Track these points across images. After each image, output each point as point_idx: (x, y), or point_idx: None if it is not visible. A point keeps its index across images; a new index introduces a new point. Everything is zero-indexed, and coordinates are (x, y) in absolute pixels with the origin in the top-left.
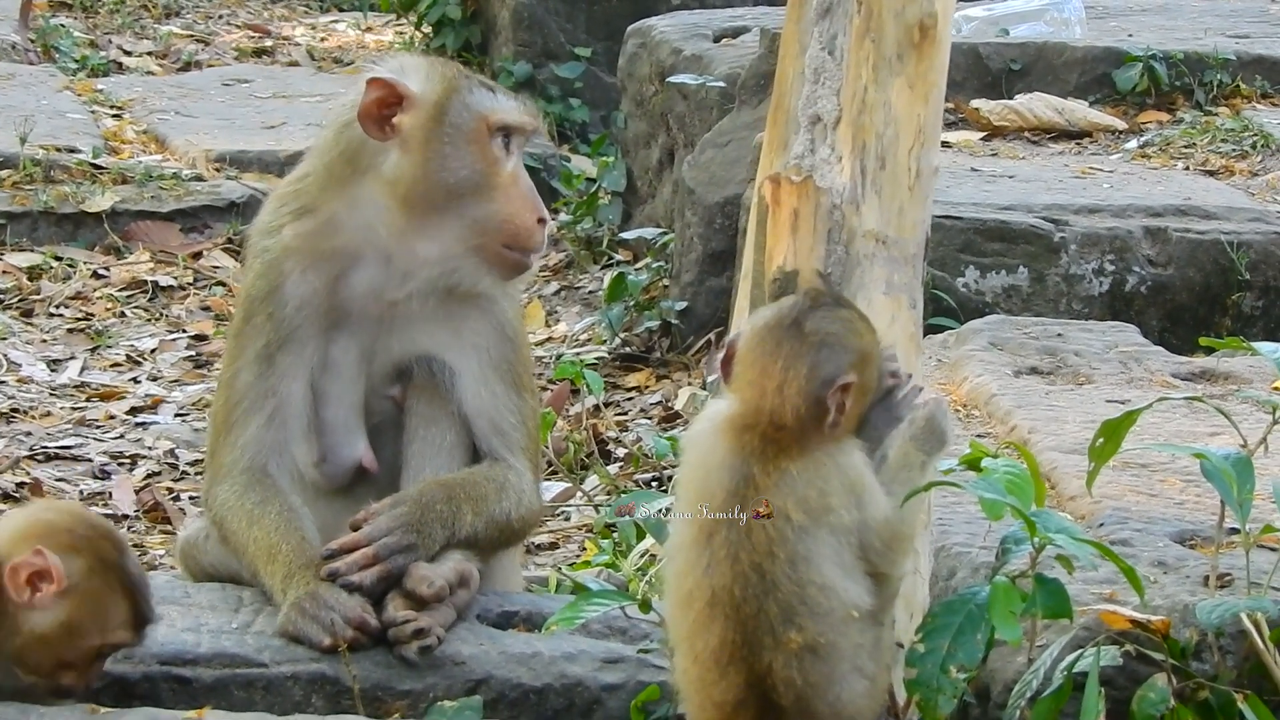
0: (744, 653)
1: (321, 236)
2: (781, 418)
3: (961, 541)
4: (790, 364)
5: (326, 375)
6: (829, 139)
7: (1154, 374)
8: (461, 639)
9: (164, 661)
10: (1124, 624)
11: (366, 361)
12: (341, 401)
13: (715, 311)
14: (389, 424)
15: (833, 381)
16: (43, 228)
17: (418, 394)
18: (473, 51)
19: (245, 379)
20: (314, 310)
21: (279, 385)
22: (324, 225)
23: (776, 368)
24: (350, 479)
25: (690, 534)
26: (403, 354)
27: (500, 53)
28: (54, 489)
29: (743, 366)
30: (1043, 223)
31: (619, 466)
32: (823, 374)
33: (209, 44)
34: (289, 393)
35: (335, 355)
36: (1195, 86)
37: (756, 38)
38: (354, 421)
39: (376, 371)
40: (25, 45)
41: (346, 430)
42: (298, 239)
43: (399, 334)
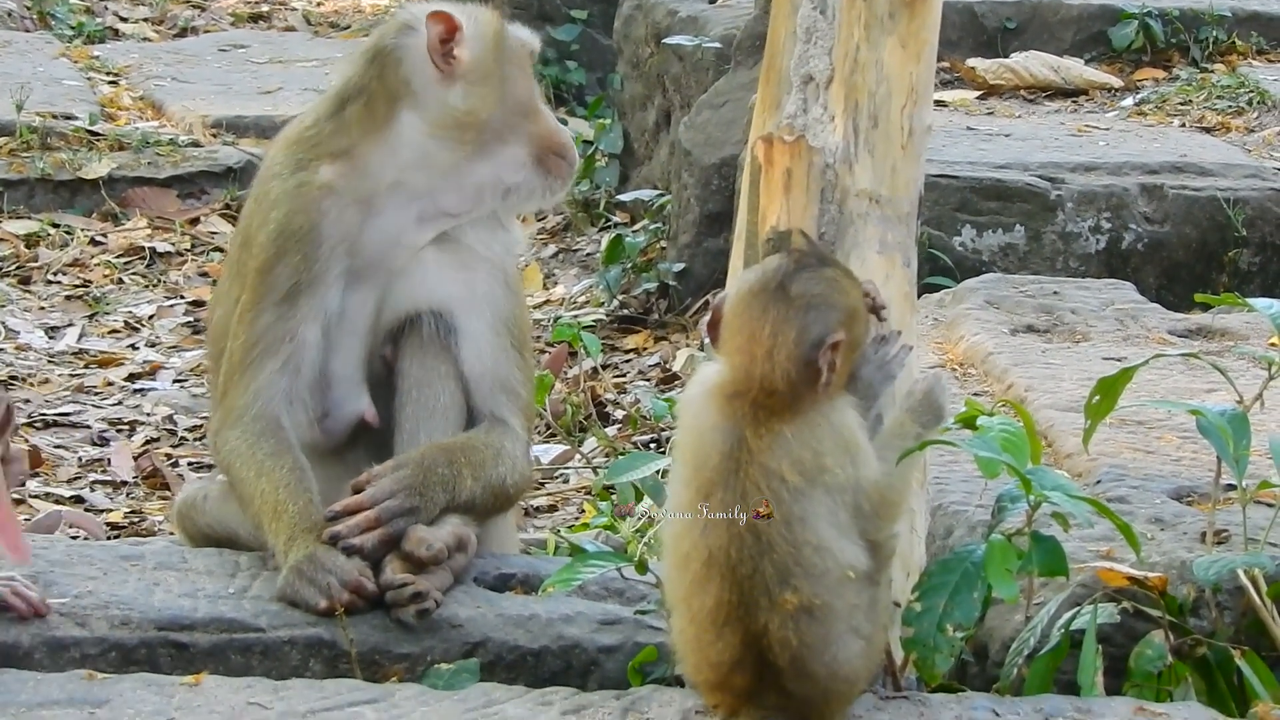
0: (740, 613)
1: (359, 177)
2: (772, 383)
3: (958, 500)
4: (778, 329)
5: (339, 325)
6: (821, 98)
7: (1150, 331)
8: (459, 602)
9: (161, 627)
10: (1121, 581)
11: (378, 313)
12: (350, 353)
13: (713, 273)
14: (380, 382)
15: (822, 342)
16: (40, 195)
17: (412, 354)
18: None
19: (266, 319)
20: (342, 254)
21: (298, 329)
22: (362, 166)
23: (764, 333)
24: (348, 437)
25: (687, 496)
26: (412, 306)
27: None
28: (52, 456)
29: (730, 332)
30: (1039, 181)
31: (617, 428)
32: (812, 336)
33: (205, 9)
34: (305, 339)
35: (350, 305)
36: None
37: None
38: (359, 375)
39: (383, 326)
40: (21, 12)
41: (352, 384)
42: (338, 178)
43: (415, 282)
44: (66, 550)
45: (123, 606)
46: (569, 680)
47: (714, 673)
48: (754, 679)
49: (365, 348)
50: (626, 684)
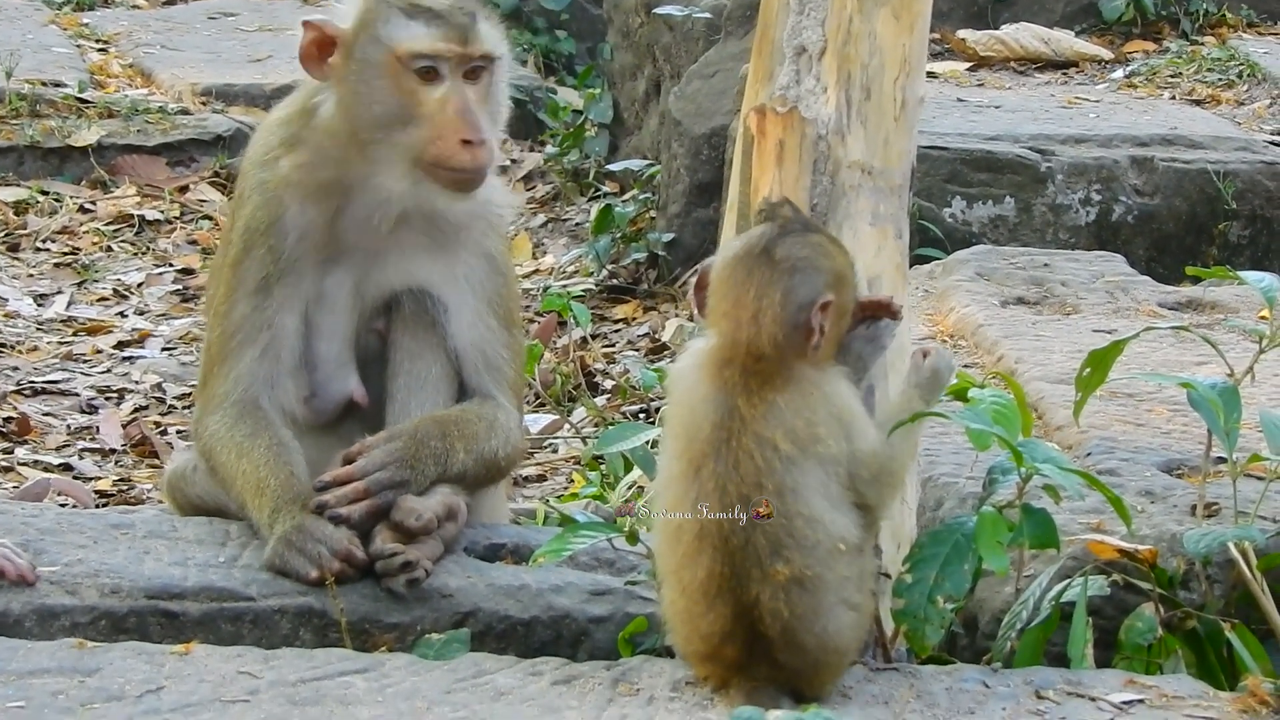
0: (731, 584)
1: (316, 169)
2: (759, 348)
3: (948, 472)
4: (764, 292)
5: (320, 309)
6: (814, 70)
7: (1141, 303)
8: (449, 571)
9: (151, 595)
10: (1111, 554)
11: (359, 295)
12: (334, 335)
13: (702, 243)
14: (375, 357)
15: (811, 304)
16: (29, 162)
17: (404, 327)
18: None
19: (242, 310)
20: (312, 243)
21: (274, 318)
22: (316, 158)
23: (749, 297)
24: (339, 414)
25: (679, 468)
26: (396, 284)
27: None
28: (41, 423)
29: (716, 299)
30: (1029, 153)
31: (606, 398)
32: (799, 298)
33: None
34: (283, 326)
35: (329, 288)
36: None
37: None
38: (346, 355)
39: (368, 305)
40: None
41: (339, 364)
42: (296, 171)
43: (392, 266)
44: (56, 518)
45: (113, 575)
46: (559, 650)
47: (704, 644)
48: (744, 651)
49: (350, 328)
50: (617, 654)
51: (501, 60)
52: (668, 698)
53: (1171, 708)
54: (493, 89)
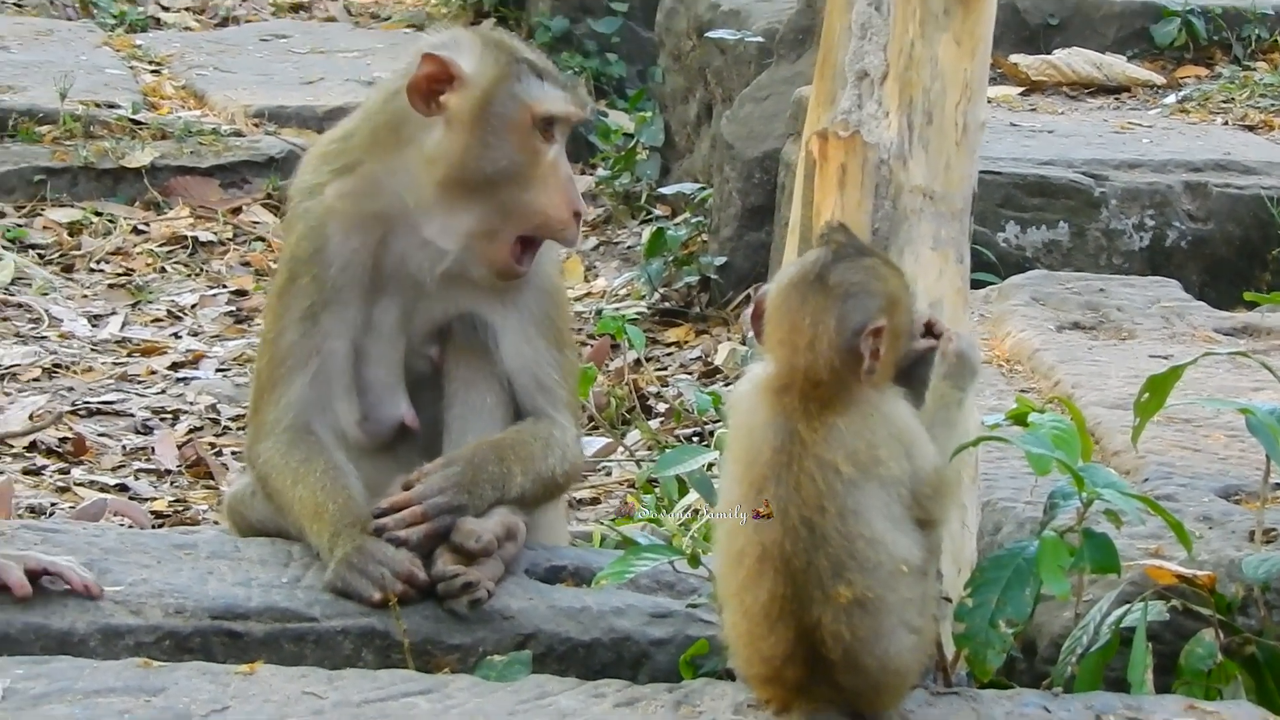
0: (793, 607)
1: (363, 198)
2: (816, 374)
3: (1007, 496)
4: (818, 318)
5: (369, 335)
6: (876, 94)
7: (1196, 329)
8: (510, 593)
9: (215, 616)
10: (1170, 579)
11: (407, 321)
12: (383, 361)
13: (754, 266)
14: (427, 382)
15: (863, 328)
16: (83, 183)
17: (456, 355)
18: (509, 6)
19: (290, 338)
20: (357, 272)
21: (323, 344)
22: (366, 187)
23: (805, 324)
24: (393, 437)
25: (740, 491)
26: (444, 314)
27: (537, 7)
28: (97, 444)
29: (772, 326)
30: (1083, 178)
31: (660, 421)
32: (852, 323)
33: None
34: (332, 351)
35: (377, 316)
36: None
37: None
38: (395, 380)
39: (417, 331)
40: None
41: (388, 389)
42: (340, 200)
43: (439, 296)
44: (119, 538)
45: (177, 595)
46: (620, 672)
47: (766, 667)
48: (806, 673)
49: (398, 355)
50: (677, 677)
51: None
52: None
53: None
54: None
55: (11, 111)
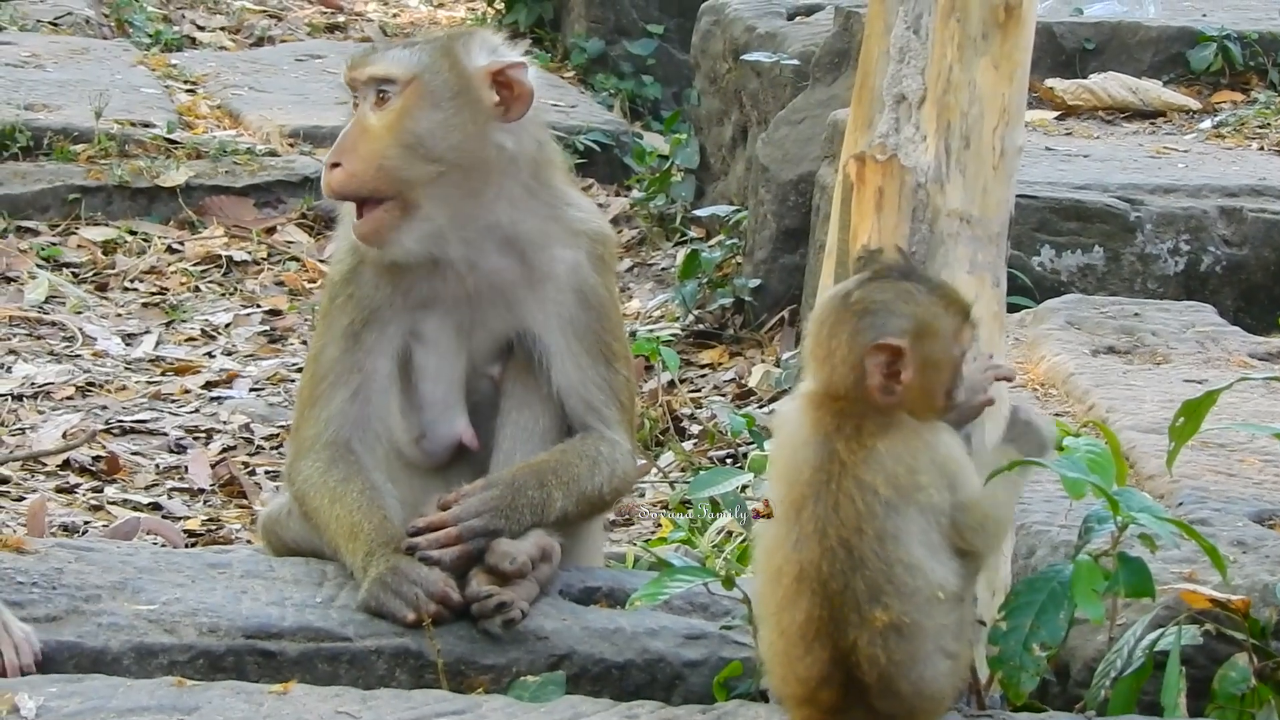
0: (830, 629)
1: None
2: (836, 389)
3: (1041, 520)
4: (835, 332)
5: (424, 350)
6: (914, 118)
7: (1231, 354)
8: (544, 614)
9: (249, 635)
10: (1204, 603)
11: (465, 337)
12: (440, 378)
13: (789, 288)
14: (488, 403)
15: (877, 345)
16: (117, 202)
17: (514, 376)
18: (545, 28)
19: (330, 354)
20: (394, 289)
21: (364, 361)
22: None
23: (824, 337)
24: (450, 456)
25: (780, 510)
26: (502, 331)
27: (573, 29)
28: (130, 462)
29: (809, 344)
30: (1118, 202)
31: (694, 443)
32: (862, 339)
33: (281, 19)
34: (374, 369)
35: (429, 332)
36: (1269, 66)
37: (830, 15)
38: (454, 398)
39: (478, 349)
40: (99, 20)
41: (445, 407)
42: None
43: (491, 309)
44: (153, 557)
45: (211, 614)
46: (654, 694)
47: (801, 688)
48: (841, 695)
49: (457, 371)
50: (711, 698)
51: (405, 84)
52: None
53: None
54: (405, 111)
55: (47, 130)
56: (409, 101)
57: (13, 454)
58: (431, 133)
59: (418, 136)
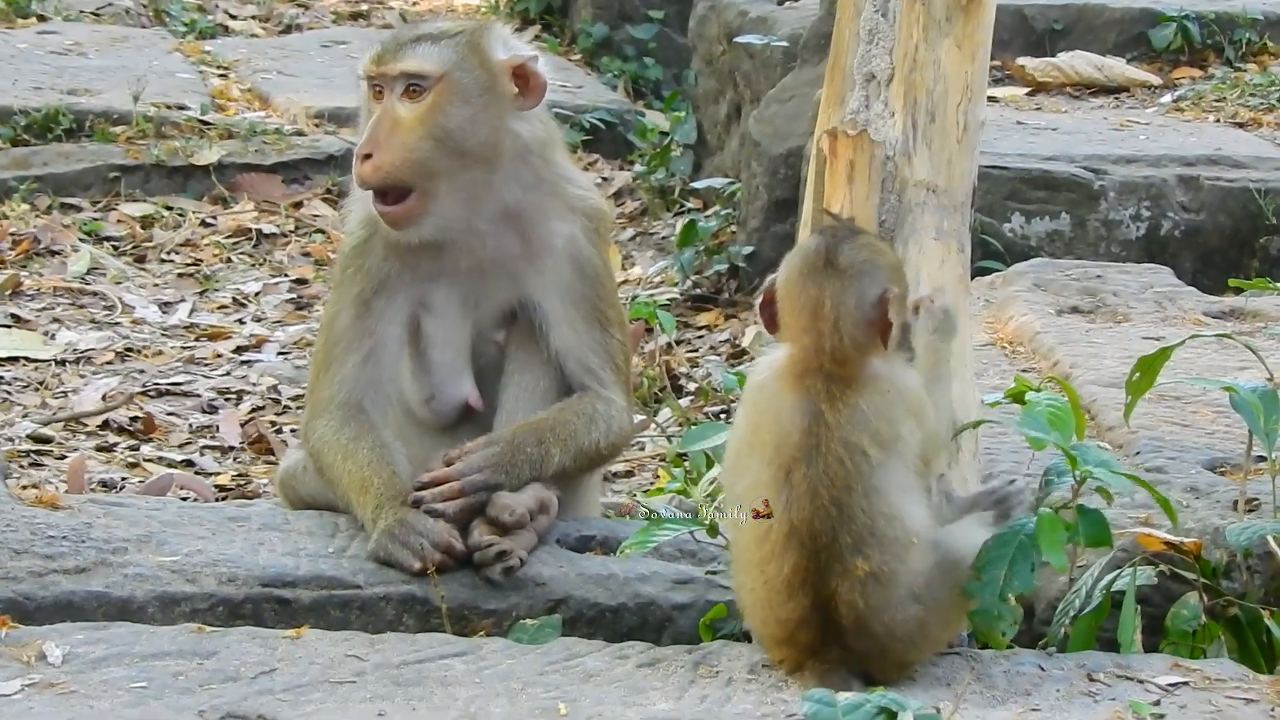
0: (814, 578)
1: None
2: (843, 353)
3: (1007, 469)
4: (839, 300)
5: (432, 319)
6: (883, 95)
7: (1187, 313)
8: (542, 561)
9: (265, 584)
10: (1158, 546)
11: (471, 307)
12: (448, 343)
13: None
14: (494, 366)
15: (881, 300)
16: (155, 180)
17: (518, 340)
18: (554, 14)
19: (344, 321)
20: (403, 260)
21: (375, 327)
22: None
23: (826, 308)
24: (458, 416)
25: (769, 474)
26: (505, 299)
27: (580, 15)
28: (165, 423)
29: (791, 315)
30: (1083, 172)
31: (690, 400)
32: (870, 297)
33: (309, 8)
34: (385, 335)
35: (437, 302)
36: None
37: (817, 1)
38: (460, 363)
39: (484, 316)
40: (138, 10)
41: (453, 371)
42: None
43: (495, 280)
44: (178, 511)
45: (230, 564)
46: (645, 635)
47: (781, 629)
48: (818, 636)
49: (463, 338)
50: (698, 639)
51: (436, 79)
52: (745, 679)
53: (1214, 689)
54: (438, 107)
55: (89, 113)
56: (440, 97)
57: (56, 415)
58: (461, 127)
59: (448, 131)
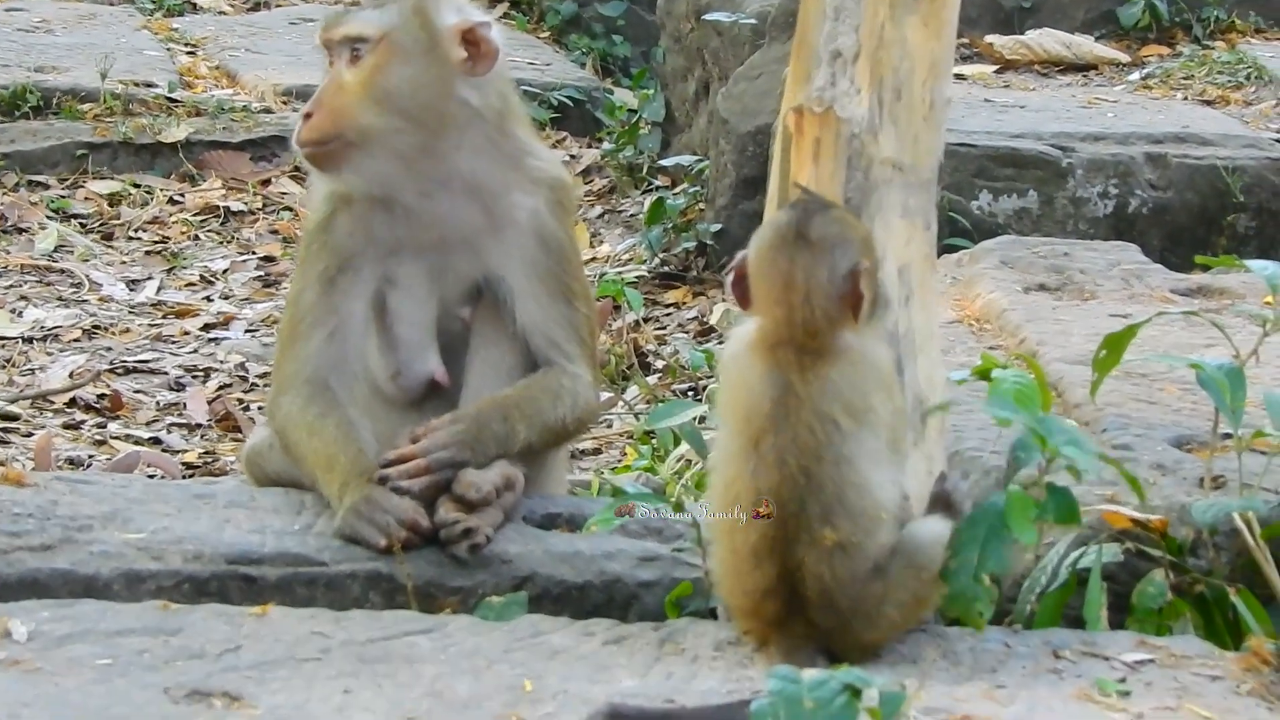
0: (781, 547)
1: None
2: (815, 325)
3: (974, 446)
4: (811, 273)
5: (397, 294)
6: (849, 73)
7: (1154, 290)
8: (508, 539)
9: (231, 561)
10: (1125, 523)
11: (436, 282)
12: (413, 319)
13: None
14: (460, 342)
15: (854, 272)
16: (122, 157)
17: (483, 316)
18: None
19: (308, 298)
20: (366, 237)
21: (340, 304)
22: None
23: (798, 281)
24: (424, 392)
25: (738, 444)
26: (470, 274)
27: None
28: (132, 400)
29: (762, 289)
30: (1051, 149)
31: (657, 377)
32: (842, 270)
33: None
34: (349, 311)
35: (402, 277)
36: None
37: None
38: (426, 338)
39: (449, 292)
40: None
41: (419, 346)
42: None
43: (459, 254)
44: (144, 489)
45: (196, 541)
46: (611, 612)
47: (747, 599)
48: (783, 607)
49: (429, 314)
50: (664, 616)
51: (376, 41)
52: (711, 657)
53: (1180, 666)
54: (377, 67)
55: (56, 90)
56: (380, 59)
57: (23, 393)
58: (400, 89)
59: (387, 92)
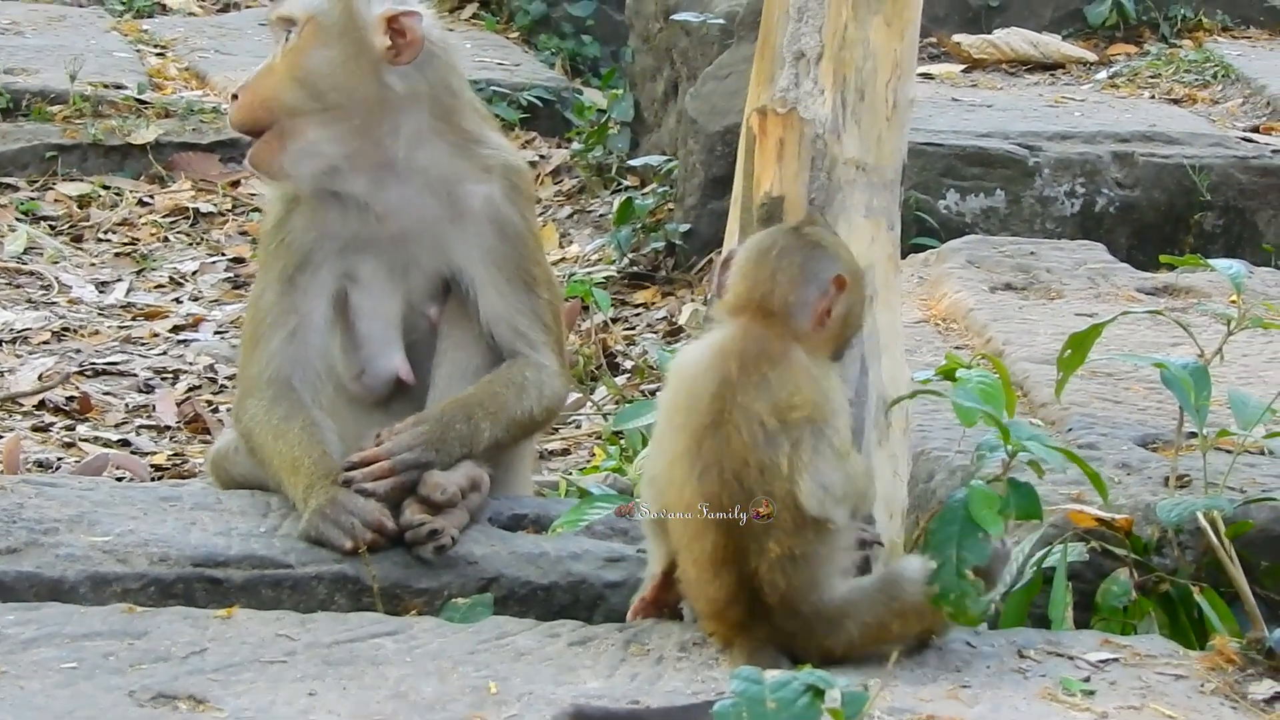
0: (734, 556)
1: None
2: (770, 303)
3: (939, 446)
4: (785, 255)
5: (359, 291)
6: (812, 73)
7: (1120, 289)
8: (474, 540)
9: (197, 563)
10: (1090, 522)
11: (400, 278)
12: (376, 316)
13: (716, 233)
14: (427, 341)
15: (825, 276)
16: (92, 159)
17: (450, 317)
18: None
19: (268, 299)
20: (323, 234)
21: (300, 303)
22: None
23: (770, 259)
24: (389, 390)
25: (683, 444)
26: (435, 271)
27: None
28: (101, 402)
29: (738, 274)
30: (1018, 148)
31: (626, 378)
32: (816, 268)
33: None
34: (310, 310)
35: (364, 273)
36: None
37: None
38: (391, 336)
39: (413, 288)
40: None
41: (383, 344)
42: None
43: (420, 248)
44: (110, 491)
45: (161, 544)
46: (576, 613)
47: (710, 606)
48: (747, 613)
49: (393, 310)
50: None
51: (303, 23)
52: (676, 657)
53: (1145, 666)
54: (300, 49)
55: (25, 92)
56: (304, 40)
57: None
58: (319, 70)
59: (307, 72)
